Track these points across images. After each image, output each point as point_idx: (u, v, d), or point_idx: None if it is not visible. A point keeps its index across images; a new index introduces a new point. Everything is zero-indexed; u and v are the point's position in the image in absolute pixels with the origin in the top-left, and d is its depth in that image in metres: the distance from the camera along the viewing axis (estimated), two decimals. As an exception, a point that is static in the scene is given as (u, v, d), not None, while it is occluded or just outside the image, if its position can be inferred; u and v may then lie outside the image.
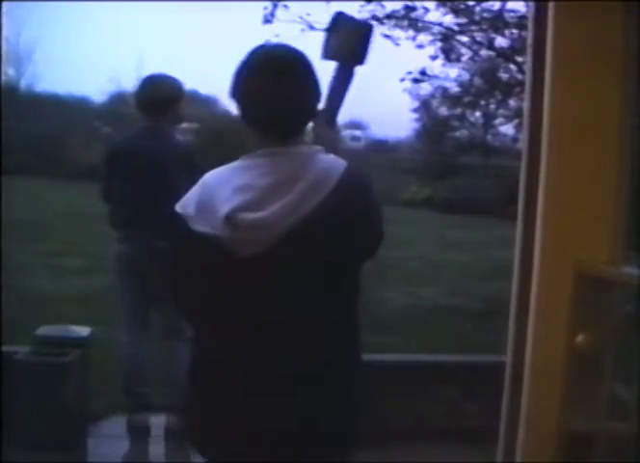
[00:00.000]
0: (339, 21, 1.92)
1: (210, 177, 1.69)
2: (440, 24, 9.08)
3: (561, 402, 1.76)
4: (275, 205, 1.57)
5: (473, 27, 9.13)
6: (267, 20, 8.56)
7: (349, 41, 1.84)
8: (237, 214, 1.57)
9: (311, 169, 1.62)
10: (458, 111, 15.28)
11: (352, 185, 1.65)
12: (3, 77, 20.81)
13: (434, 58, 9.69)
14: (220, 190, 1.62)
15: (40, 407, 3.54)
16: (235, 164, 1.68)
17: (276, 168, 1.62)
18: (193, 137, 23.85)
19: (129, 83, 24.79)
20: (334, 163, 1.67)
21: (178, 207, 1.66)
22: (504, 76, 10.67)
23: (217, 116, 26.39)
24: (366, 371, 1.76)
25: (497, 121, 18.62)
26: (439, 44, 9.44)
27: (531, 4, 2.05)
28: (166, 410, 3.76)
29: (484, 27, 9.02)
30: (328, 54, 1.89)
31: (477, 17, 8.99)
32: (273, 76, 1.65)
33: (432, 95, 15.03)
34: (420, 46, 9.26)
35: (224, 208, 1.58)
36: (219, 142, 21.90)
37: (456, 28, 9.18)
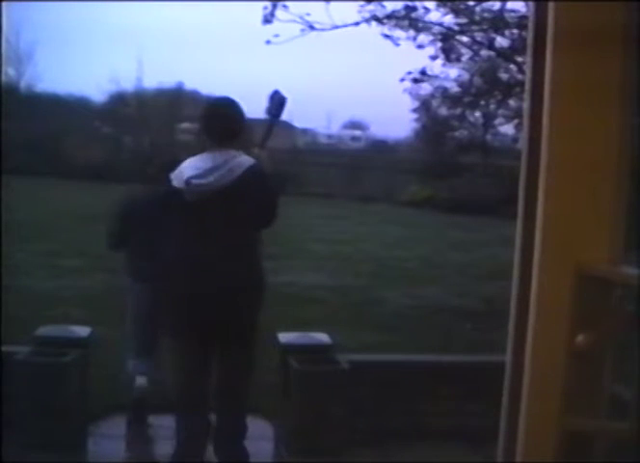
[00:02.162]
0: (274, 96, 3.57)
1: (185, 162, 3.21)
2: (440, 24, 9.08)
3: (561, 402, 1.76)
4: (210, 177, 3.13)
5: (473, 27, 9.13)
6: (267, 20, 8.56)
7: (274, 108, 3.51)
8: (191, 180, 3.12)
9: (232, 161, 3.17)
10: (458, 111, 15.29)
11: (252, 173, 3.16)
12: (3, 77, 20.80)
13: (434, 58, 9.69)
14: (186, 168, 3.17)
15: (40, 407, 3.54)
16: (197, 156, 3.23)
17: (214, 158, 3.18)
18: (193, 137, 23.89)
19: (129, 83, 24.86)
20: (247, 160, 3.20)
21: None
22: (504, 76, 10.67)
23: (217, 116, 26.43)
24: (367, 371, 1.81)
25: (497, 121, 18.63)
26: (439, 44, 9.44)
27: (531, 4, 2.05)
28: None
29: (484, 27, 9.02)
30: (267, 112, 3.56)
31: (477, 17, 8.99)
32: (216, 112, 3.34)
33: (432, 95, 15.04)
34: (420, 46, 9.27)
35: (185, 175, 3.13)
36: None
37: (456, 28, 9.17)
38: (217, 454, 3.30)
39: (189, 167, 3.16)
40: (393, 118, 33.65)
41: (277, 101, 3.54)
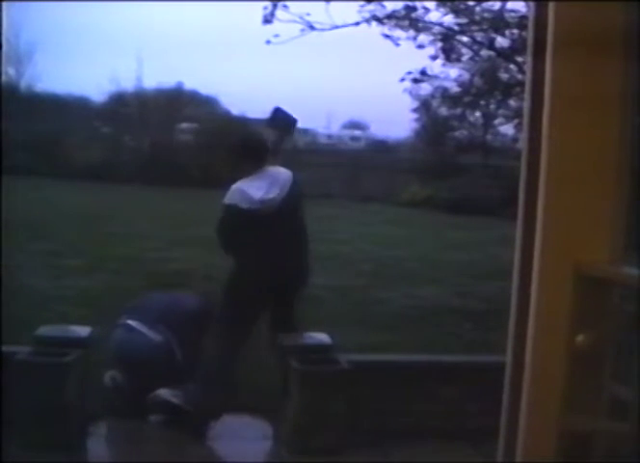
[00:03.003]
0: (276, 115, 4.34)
1: (241, 185, 4.08)
2: (440, 24, 9.08)
3: (561, 402, 1.76)
4: (274, 193, 4.06)
5: (473, 27, 9.13)
6: (267, 20, 8.56)
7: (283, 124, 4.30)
8: (262, 198, 4.03)
9: (280, 176, 4.15)
10: (458, 111, 15.31)
11: (295, 183, 4.17)
12: (3, 77, 20.80)
13: (434, 58, 9.69)
14: (249, 190, 4.05)
15: (40, 407, 3.55)
16: (251, 178, 4.10)
17: (269, 177, 4.13)
18: (192, 137, 23.91)
19: (129, 83, 24.86)
20: (285, 172, 4.19)
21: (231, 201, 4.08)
22: (504, 76, 10.68)
23: (217, 116, 26.43)
24: (367, 371, 1.82)
25: (497, 121, 18.65)
26: (439, 44, 9.44)
27: (531, 4, 2.05)
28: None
29: (484, 27, 9.02)
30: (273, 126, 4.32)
31: (477, 17, 8.99)
32: (254, 139, 4.39)
33: (432, 95, 15.06)
34: (420, 46, 9.27)
35: (256, 196, 4.03)
36: (219, 141, 21.95)
37: (456, 28, 9.17)
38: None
39: (252, 188, 4.05)
40: (393, 118, 33.64)
41: (288, 120, 4.32)
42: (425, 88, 13.42)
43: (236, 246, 4.14)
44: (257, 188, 4.04)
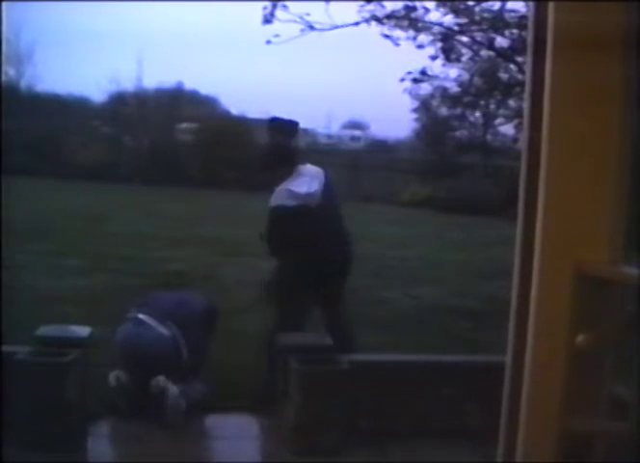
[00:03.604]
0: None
1: (288, 186, 4.35)
2: (440, 24, 9.07)
3: (561, 402, 1.76)
4: (316, 189, 4.39)
5: (473, 27, 9.12)
6: (267, 20, 8.55)
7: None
8: (309, 194, 4.35)
9: (315, 173, 4.53)
10: (458, 111, 15.30)
11: (327, 175, 4.53)
12: (3, 77, 20.81)
13: (434, 58, 9.67)
14: (297, 188, 4.34)
15: (40, 407, 3.54)
16: (293, 179, 4.39)
17: (307, 174, 4.46)
18: (192, 137, 23.91)
19: (129, 83, 24.86)
20: (318, 168, 4.57)
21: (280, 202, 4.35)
22: (504, 76, 10.66)
23: (217, 116, 26.43)
24: (367, 371, 1.82)
25: (497, 121, 18.63)
26: (439, 44, 9.42)
27: (531, 4, 2.05)
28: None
29: (484, 27, 9.01)
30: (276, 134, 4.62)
31: (477, 17, 8.98)
32: (284, 144, 4.59)
33: (432, 95, 15.05)
34: (420, 46, 9.25)
35: (303, 192, 4.33)
36: (219, 141, 21.95)
37: (456, 28, 9.16)
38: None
39: (295, 186, 4.34)
40: (393, 118, 33.61)
41: (290, 123, 4.61)
42: (425, 88, 13.41)
43: (288, 244, 4.32)
44: (299, 185, 4.34)
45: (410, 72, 10.01)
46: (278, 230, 4.33)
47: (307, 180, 4.39)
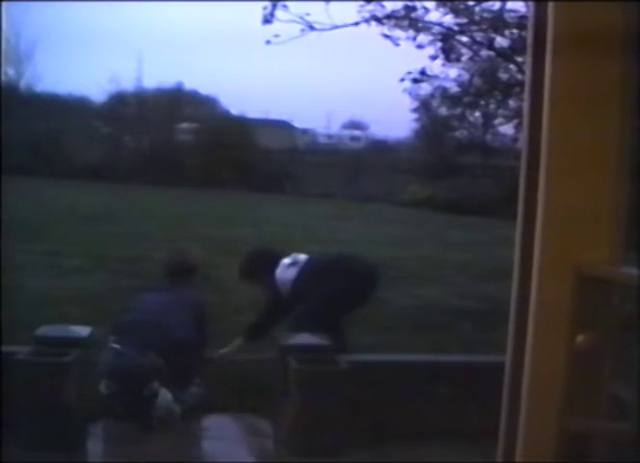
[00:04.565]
0: None
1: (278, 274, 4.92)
2: (440, 24, 9.07)
3: (561, 402, 1.76)
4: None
5: (473, 27, 9.13)
6: (267, 20, 8.56)
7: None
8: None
9: (299, 257, 5.15)
10: (458, 111, 15.28)
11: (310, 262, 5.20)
12: (3, 77, 20.82)
13: (434, 58, 9.67)
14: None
15: (40, 407, 3.54)
16: (284, 264, 4.92)
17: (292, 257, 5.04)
18: (192, 137, 23.92)
19: (129, 83, 24.88)
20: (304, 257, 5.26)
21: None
22: (504, 76, 10.66)
23: (217, 116, 26.45)
24: (367, 371, 1.83)
25: (497, 121, 18.60)
26: (439, 44, 9.42)
27: (531, 4, 2.05)
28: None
29: (484, 27, 9.01)
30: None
31: (477, 17, 8.99)
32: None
33: (432, 96, 15.02)
34: (420, 46, 9.25)
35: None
36: (218, 141, 21.96)
37: (456, 28, 9.17)
38: None
39: (286, 273, 4.84)
40: (393, 118, 33.68)
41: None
42: (425, 88, 13.39)
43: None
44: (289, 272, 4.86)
45: (409, 72, 10.02)
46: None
47: (291, 265, 4.87)
